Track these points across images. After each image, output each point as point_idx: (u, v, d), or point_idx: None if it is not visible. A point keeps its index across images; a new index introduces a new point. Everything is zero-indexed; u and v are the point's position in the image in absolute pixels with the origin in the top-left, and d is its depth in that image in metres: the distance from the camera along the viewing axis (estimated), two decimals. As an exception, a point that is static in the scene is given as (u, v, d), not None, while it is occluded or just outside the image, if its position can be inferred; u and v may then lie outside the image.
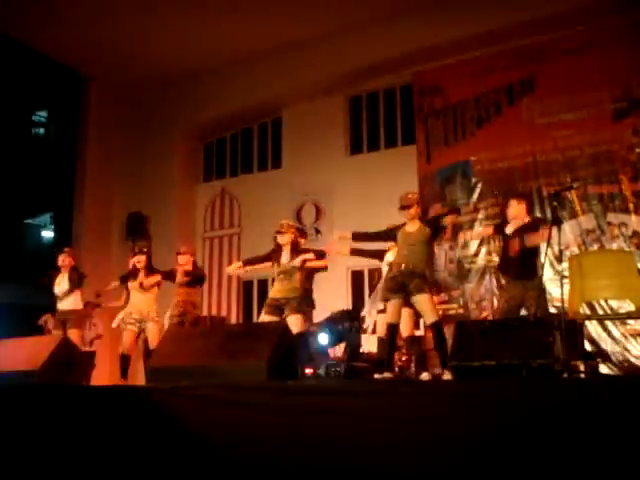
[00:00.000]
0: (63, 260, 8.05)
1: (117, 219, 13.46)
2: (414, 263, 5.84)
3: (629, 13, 9.10)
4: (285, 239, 6.97)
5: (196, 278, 8.05)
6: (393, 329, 5.97)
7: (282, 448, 3.67)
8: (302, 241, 7.42)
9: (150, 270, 7.84)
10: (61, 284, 7.95)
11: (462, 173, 10.21)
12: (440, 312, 9.78)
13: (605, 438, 3.00)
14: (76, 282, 7.97)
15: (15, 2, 10.47)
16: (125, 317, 7.64)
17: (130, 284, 7.79)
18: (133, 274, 7.87)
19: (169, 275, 7.95)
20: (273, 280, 7.20)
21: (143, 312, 7.58)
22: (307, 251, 7.05)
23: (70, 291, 7.90)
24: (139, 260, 7.87)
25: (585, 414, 3.10)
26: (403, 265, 5.88)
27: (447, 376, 5.53)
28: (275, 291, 6.93)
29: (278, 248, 7.05)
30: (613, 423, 3.01)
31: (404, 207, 6.01)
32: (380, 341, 6.89)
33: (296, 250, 6.98)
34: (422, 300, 5.79)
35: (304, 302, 6.97)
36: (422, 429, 3.40)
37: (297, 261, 6.84)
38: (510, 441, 3.18)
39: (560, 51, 9.59)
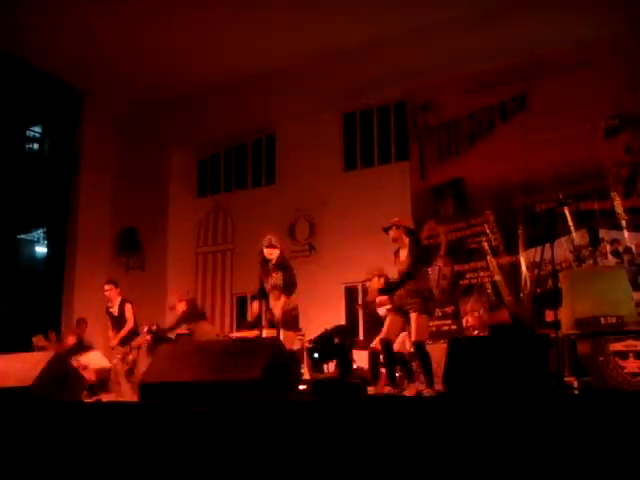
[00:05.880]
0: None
1: (111, 234, 13.46)
2: (408, 286, 6.02)
3: (620, 32, 9.18)
4: (275, 254, 6.93)
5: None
6: (385, 344, 6.14)
7: (275, 464, 3.66)
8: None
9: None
10: None
11: (455, 189, 10.25)
12: (433, 328, 9.90)
13: (599, 453, 3.00)
14: None
15: (11, 17, 10.50)
16: None
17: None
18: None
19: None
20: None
21: None
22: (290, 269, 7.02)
23: None
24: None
25: (579, 430, 3.10)
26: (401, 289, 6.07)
27: (428, 393, 5.64)
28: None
29: (266, 263, 6.98)
30: (607, 438, 3.02)
31: (384, 229, 6.27)
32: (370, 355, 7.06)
33: (281, 265, 6.94)
34: (411, 318, 5.98)
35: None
36: (416, 445, 3.40)
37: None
38: (503, 457, 3.18)
39: (553, 69, 9.67)
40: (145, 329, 8.88)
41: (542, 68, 9.77)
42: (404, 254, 6.17)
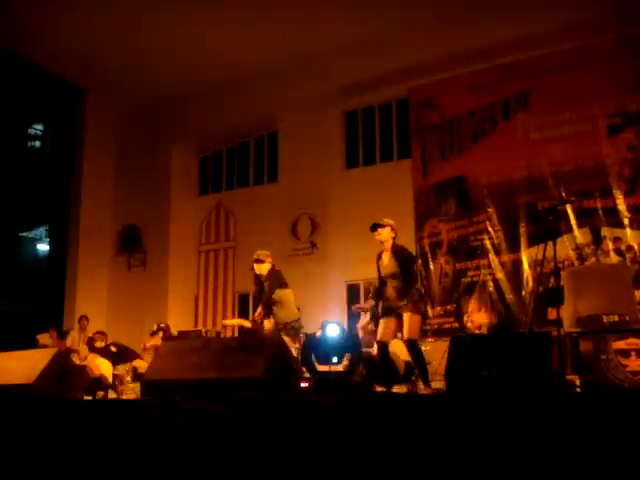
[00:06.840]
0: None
1: (112, 232, 13.47)
2: (395, 289, 6.05)
3: (622, 30, 9.17)
4: (264, 268, 6.94)
5: None
6: (382, 346, 6.23)
7: (278, 462, 3.66)
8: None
9: None
10: None
11: (458, 187, 10.24)
12: (435, 326, 9.91)
13: (601, 451, 2.99)
14: None
15: (12, 15, 10.51)
16: None
17: None
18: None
19: None
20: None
21: None
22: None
23: None
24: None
25: (581, 428, 3.09)
26: (388, 295, 6.11)
27: (425, 391, 5.71)
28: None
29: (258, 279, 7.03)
30: (609, 437, 3.01)
31: (371, 228, 6.17)
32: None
33: (271, 278, 6.92)
34: (404, 318, 5.98)
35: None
36: (414, 445, 3.39)
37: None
38: (503, 456, 3.18)
39: (554, 67, 9.65)
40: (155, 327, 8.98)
41: (544, 66, 9.75)
42: (387, 257, 6.14)
